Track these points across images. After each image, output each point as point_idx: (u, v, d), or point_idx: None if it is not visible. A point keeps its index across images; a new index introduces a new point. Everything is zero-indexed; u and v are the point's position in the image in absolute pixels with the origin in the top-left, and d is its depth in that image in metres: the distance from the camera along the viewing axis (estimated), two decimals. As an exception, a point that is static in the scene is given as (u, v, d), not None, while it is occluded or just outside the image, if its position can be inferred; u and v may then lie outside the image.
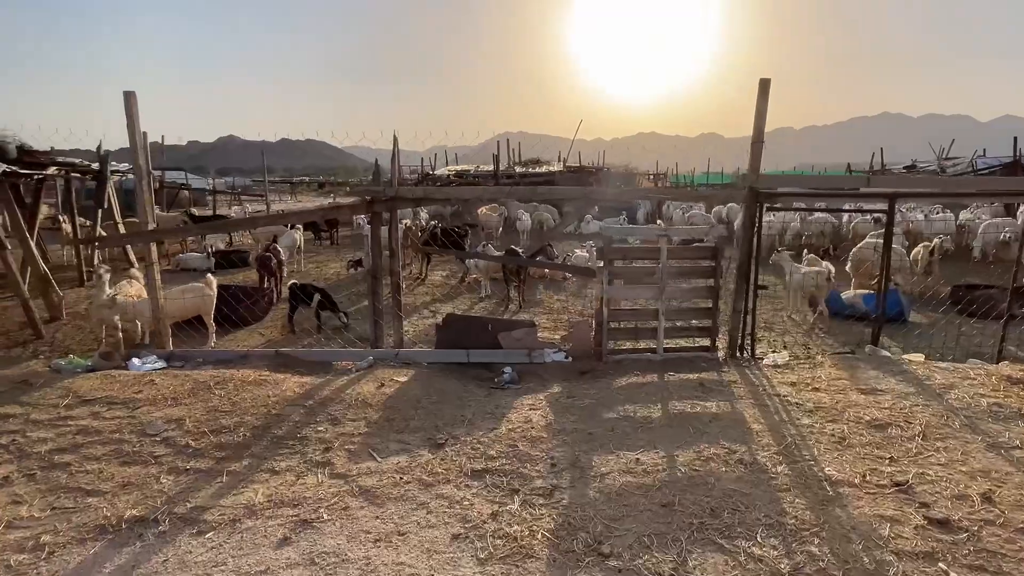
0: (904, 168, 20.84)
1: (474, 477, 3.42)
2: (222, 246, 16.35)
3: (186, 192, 28.69)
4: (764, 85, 5.40)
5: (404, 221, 14.34)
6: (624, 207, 21.37)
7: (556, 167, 24.92)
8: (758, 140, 5.52)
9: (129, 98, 5.57)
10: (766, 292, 6.82)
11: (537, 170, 23.94)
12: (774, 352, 6.17)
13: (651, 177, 35.13)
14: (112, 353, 5.76)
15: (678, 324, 6.20)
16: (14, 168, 7.34)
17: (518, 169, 23.44)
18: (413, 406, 4.57)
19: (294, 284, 7.70)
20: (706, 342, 5.92)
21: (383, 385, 5.08)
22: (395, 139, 6.15)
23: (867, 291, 8.31)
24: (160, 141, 22.57)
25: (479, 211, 16.56)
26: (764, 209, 5.94)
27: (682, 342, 6.01)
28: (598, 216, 20.25)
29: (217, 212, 24.31)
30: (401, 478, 3.41)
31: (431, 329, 7.78)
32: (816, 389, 4.63)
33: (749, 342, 5.94)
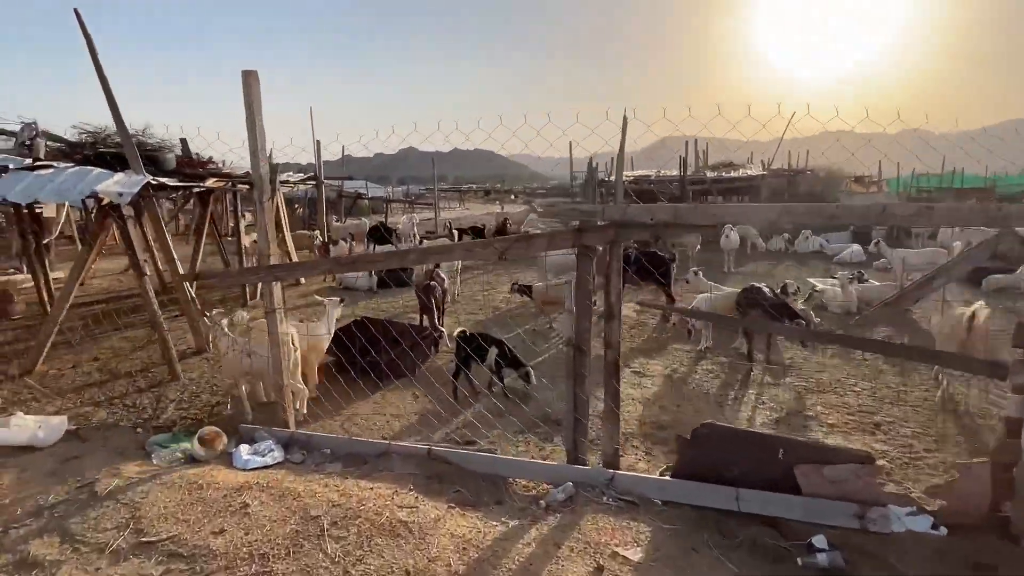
0: None
1: None
2: (388, 259, 15.66)
3: (364, 200, 29.80)
4: None
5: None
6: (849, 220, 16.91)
7: (753, 170, 21.00)
8: None
9: (248, 80, 3.94)
10: None
11: (733, 175, 20.27)
12: None
13: (864, 180, 29.01)
14: (215, 438, 4.18)
15: None
16: (161, 181, 6.40)
17: (709, 174, 20.01)
18: None
19: (463, 334, 5.73)
20: None
21: (600, 570, 2.76)
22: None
23: None
24: (341, 152, 23.17)
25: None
26: None
27: None
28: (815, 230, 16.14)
29: (388, 219, 24.49)
30: None
31: (633, 404, 5.31)
32: None
33: None
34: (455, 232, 13.26)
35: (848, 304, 8.47)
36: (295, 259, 11.53)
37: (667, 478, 3.60)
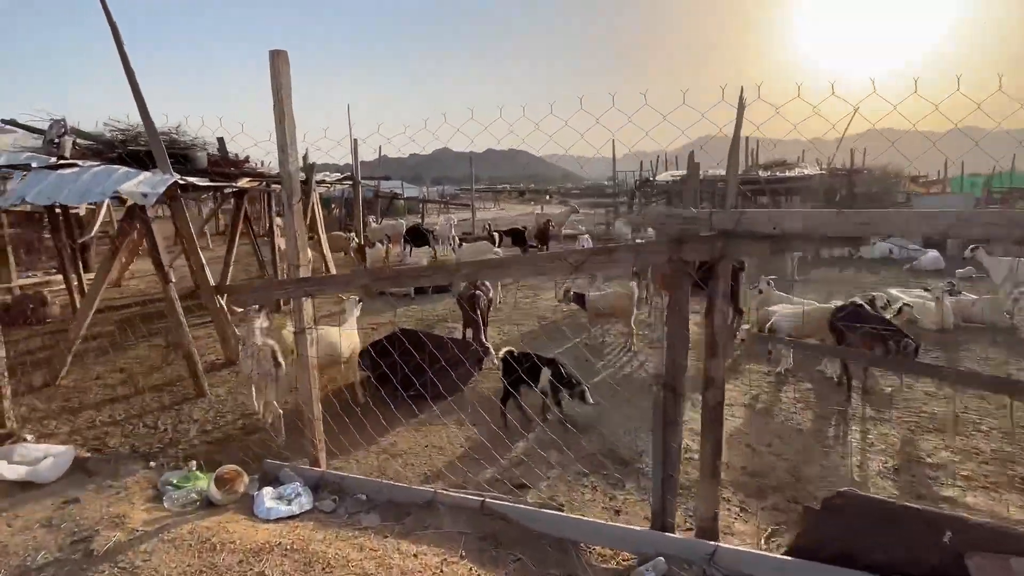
0: None
1: None
2: (425, 261, 15.10)
3: (400, 201, 29.53)
4: None
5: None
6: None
7: (809, 169, 19.71)
8: None
9: (276, 62, 3.35)
10: None
11: (788, 174, 19.04)
12: None
13: (919, 179, 27.25)
14: (235, 478, 3.60)
15: None
16: (189, 180, 5.93)
17: (762, 174, 18.86)
18: None
19: (510, 354, 5.05)
20: None
21: None
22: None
23: None
24: (378, 152, 22.85)
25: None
26: None
27: None
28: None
29: (424, 220, 24.07)
30: None
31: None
32: None
33: None
34: (495, 235, 12.63)
35: (943, 320, 7.47)
36: (330, 263, 11.09)
37: (787, 558, 2.84)
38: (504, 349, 5.11)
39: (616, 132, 3.04)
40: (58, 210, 8.52)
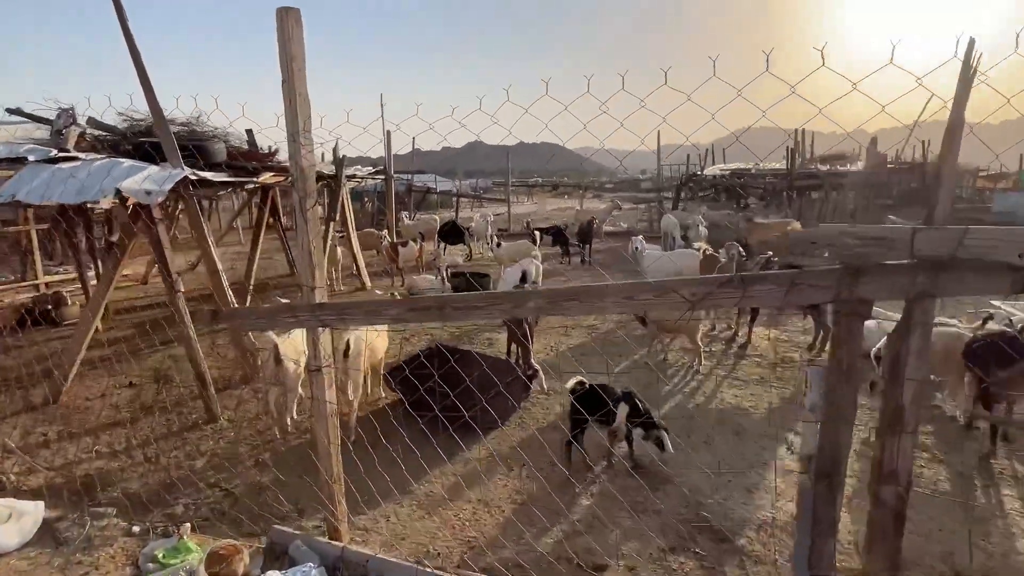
0: None
1: None
2: (460, 260, 14.30)
3: (433, 195, 28.86)
4: None
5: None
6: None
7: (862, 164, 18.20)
8: None
9: (286, 23, 2.55)
10: None
11: (849, 168, 17.59)
12: None
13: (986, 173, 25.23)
14: (231, 554, 2.84)
15: None
16: (202, 176, 5.23)
17: (821, 167, 17.43)
18: None
19: (582, 385, 4.19)
20: None
21: None
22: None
23: None
24: (412, 144, 22.17)
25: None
26: None
27: None
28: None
29: (458, 215, 23.33)
30: None
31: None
32: None
33: None
34: (536, 233, 11.75)
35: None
36: (361, 264, 10.41)
37: None
38: (574, 379, 4.24)
39: (665, 118, 2.22)
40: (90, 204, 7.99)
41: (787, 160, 17.00)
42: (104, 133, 6.69)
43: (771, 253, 6.86)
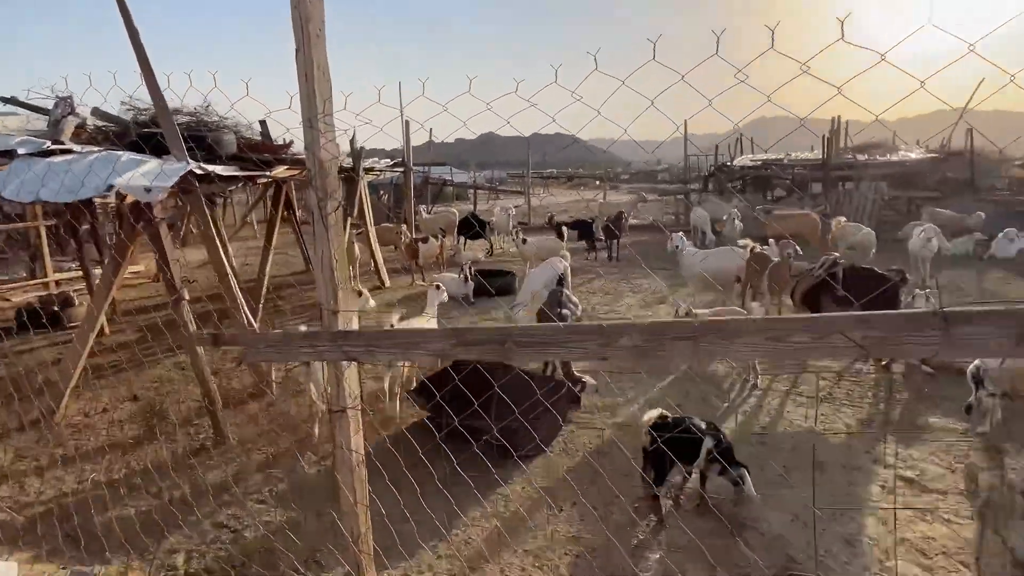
0: None
1: None
2: (482, 256, 13.69)
3: (450, 187, 28.29)
4: None
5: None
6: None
7: (915, 153, 17.23)
8: None
9: (302, -30, 1.97)
10: None
11: (889, 158, 16.66)
12: None
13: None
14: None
15: None
16: (208, 169, 4.70)
17: (859, 157, 16.54)
18: None
19: (662, 419, 3.57)
20: None
21: None
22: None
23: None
24: (429, 135, 21.58)
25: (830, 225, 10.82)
26: None
27: None
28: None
29: (476, 208, 22.77)
30: None
31: (913, 553, 2.94)
32: None
33: None
34: (564, 229, 11.13)
35: None
36: (380, 262, 9.88)
37: None
38: (654, 412, 3.62)
39: (712, 101, 1.63)
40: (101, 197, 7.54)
41: (824, 149, 16.15)
42: (109, 124, 6.19)
43: (837, 255, 6.16)
